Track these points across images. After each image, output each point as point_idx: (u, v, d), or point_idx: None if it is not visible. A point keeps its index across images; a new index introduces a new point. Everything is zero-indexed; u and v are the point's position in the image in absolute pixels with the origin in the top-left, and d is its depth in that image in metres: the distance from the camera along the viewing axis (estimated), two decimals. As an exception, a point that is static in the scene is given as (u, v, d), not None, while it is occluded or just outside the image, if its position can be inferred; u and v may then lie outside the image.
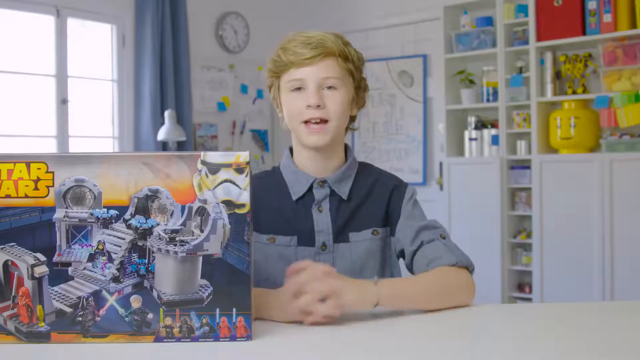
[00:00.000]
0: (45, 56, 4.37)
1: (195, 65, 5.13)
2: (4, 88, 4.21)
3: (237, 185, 1.05)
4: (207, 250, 1.05)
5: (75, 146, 4.49)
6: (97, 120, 4.73)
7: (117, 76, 4.77)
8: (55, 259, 1.05)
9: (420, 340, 1.08)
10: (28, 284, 1.05)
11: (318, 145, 1.41)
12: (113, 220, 1.05)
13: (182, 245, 1.05)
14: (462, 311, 1.27)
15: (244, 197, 1.05)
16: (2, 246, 1.05)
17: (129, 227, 1.05)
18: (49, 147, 4.38)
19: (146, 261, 1.05)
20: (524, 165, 4.38)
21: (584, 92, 4.18)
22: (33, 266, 1.04)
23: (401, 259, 1.48)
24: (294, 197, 1.44)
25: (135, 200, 1.04)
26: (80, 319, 1.05)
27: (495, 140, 4.45)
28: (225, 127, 5.38)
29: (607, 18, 3.99)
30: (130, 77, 4.78)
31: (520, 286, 4.45)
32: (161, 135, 4.53)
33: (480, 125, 4.59)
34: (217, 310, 1.05)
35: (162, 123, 4.62)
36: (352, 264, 1.42)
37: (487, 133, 4.51)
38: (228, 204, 1.05)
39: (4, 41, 4.21)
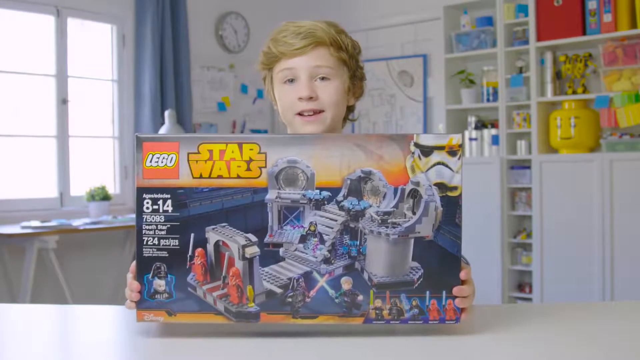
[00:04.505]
0: (45, 56, 4.37)
1: (195, 65, 5.13)
2: (4, 88, 4.21)
3: (449, 168, 1.06)
4: (419, 232, 1.05)
5: (76, 146, 4.49)
6: (97, 120, 4.73)
7: (117, 76, 4.77)
8: (267, 239, 1.05)
9: (419, 340, 1.08)
10: (239, 264, 1.04)
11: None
12: (325, 202, 1.04)
13: (394, 227, 1.04)
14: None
15: (457, 180, 1.06)
16: (214, 226, 1.04)
17: (341, 208, 1.04)
18: (49, 147, 4.38)
19: (358, 243, 1.04)
20: (524, 165, 4.38)
21: (584, 92, 4.18)
22: (244, 247, 1.04)
23: None
24: None
25: (348, 181, 1.04)
26: (290, 299, 1.04)
27: (495, 140, 4.45)
28: (225, 127, 5.38)
29: (607, 18, 3.99)
30: (130, 77, 4.78)
31: (520, 286, 4.45)
32: (161, 135, 4.53)
33: (480, 125, 4.59)
34: (428, 292, 1.05)
35: (162, 123, 4.61)
36: None
37: (487, 133, 4.51)
38: (440, 186, 1.05)
39: (4, 41, 4.21)
